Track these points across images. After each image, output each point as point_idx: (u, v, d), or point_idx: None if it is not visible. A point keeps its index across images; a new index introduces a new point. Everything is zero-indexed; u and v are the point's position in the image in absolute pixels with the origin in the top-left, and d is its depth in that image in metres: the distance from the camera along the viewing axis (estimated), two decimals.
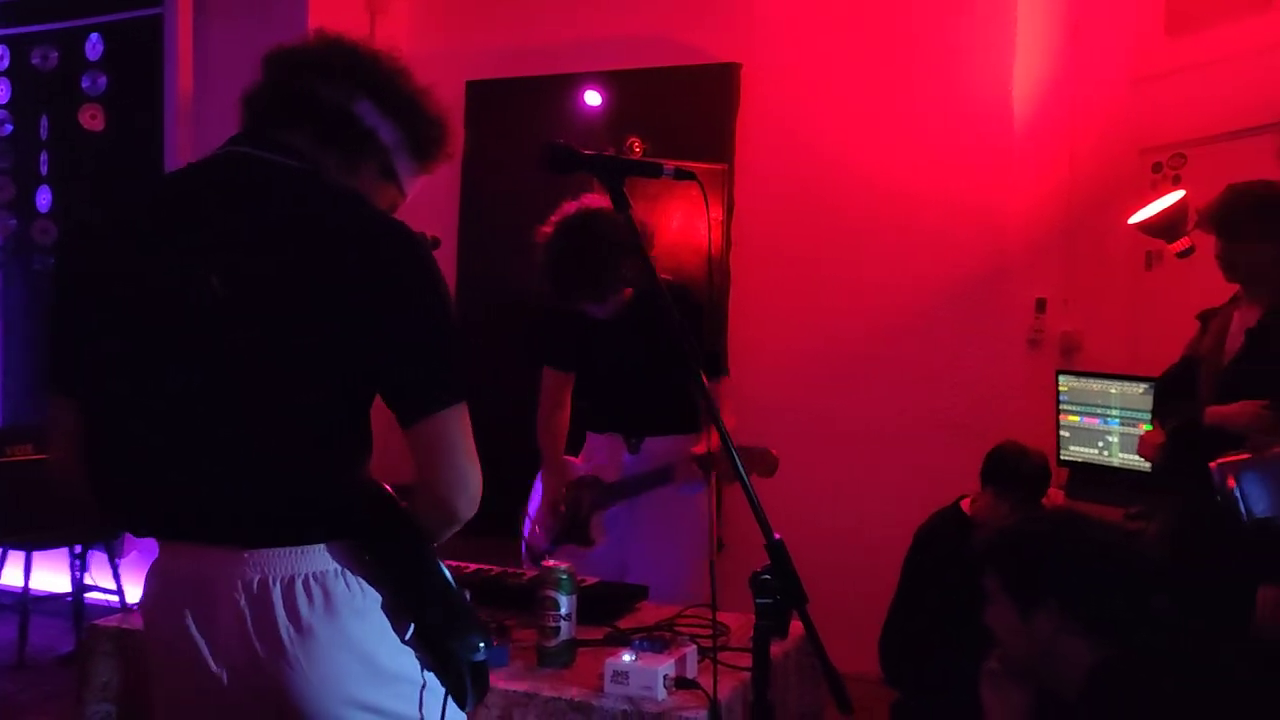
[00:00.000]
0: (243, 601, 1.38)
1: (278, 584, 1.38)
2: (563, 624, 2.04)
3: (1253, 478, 1.37)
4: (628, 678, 1.87)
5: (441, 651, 1.46)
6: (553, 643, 2.04)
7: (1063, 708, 1.82)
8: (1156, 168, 3.89)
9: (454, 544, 1.62)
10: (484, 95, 4.83)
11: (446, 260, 4.79)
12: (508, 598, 2.37)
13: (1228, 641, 2.25)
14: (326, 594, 1.39)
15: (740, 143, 4.44)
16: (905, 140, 4.29)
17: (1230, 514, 1.35)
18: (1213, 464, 1.39)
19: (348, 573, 1.41)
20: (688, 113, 4.44)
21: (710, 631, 2.17)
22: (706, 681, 1.88)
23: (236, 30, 4.70)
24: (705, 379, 2.84)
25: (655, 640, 1.98)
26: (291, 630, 1.37)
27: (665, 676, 1.87)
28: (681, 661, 1.93)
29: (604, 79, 4.54)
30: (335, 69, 1.53)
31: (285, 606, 1.37)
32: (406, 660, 1.46)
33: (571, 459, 3.05)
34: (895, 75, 4.30)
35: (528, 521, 2.99)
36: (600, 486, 2.91)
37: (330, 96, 1.51)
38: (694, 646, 2.01)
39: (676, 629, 2.21)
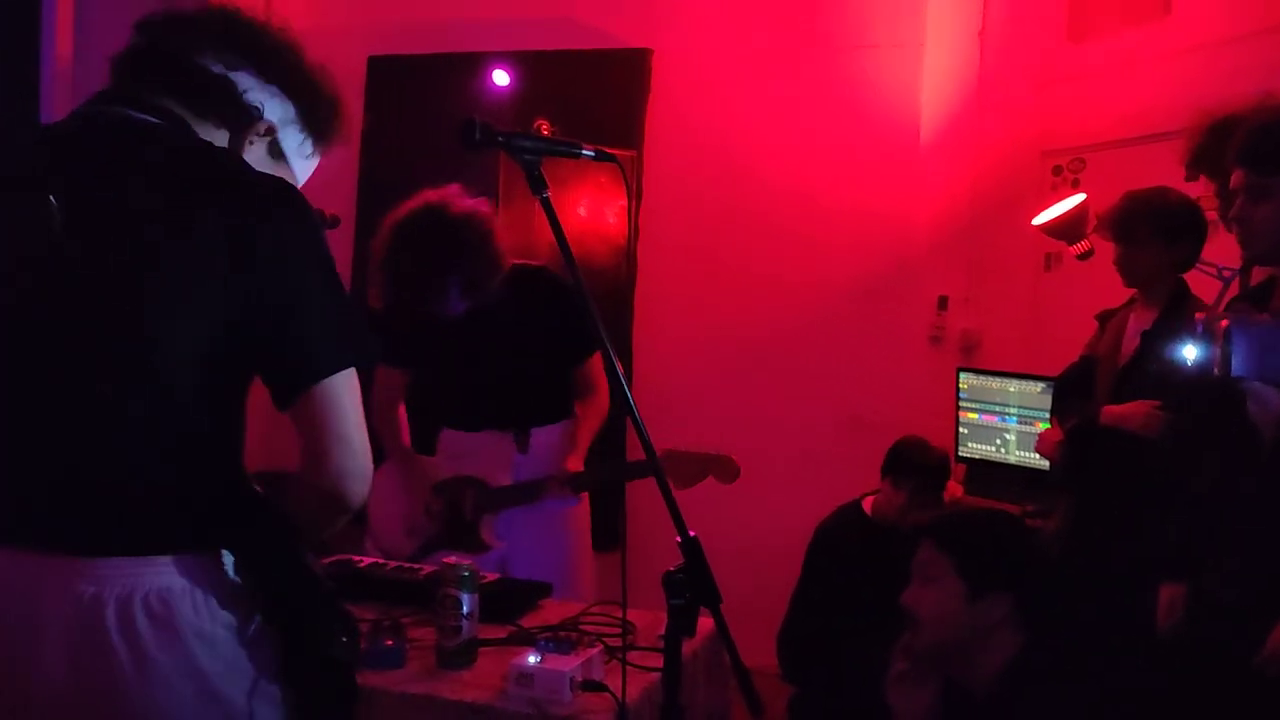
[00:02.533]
0: (72, 619, 1.19)
1: (113, 601, 1.20)
2: (464, 623, 1.96)
3: (1240, 335, 1.36)
4: (533, 680, 1.80)
5: (301, 650, 1.32)
6: (453, 643, 1.96)
7: (969, 703, 1.82)
8: (1057, 171, 3.96)
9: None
10: (386, 72, 4.67)
11: (344, 241, 4.62)
12: (403, 594, 2.27)
13: (1131, 640, 2.29)
14: (170, 615, 1.22)
15: (650, 130, 4.39)
16: (814, 136, 4.30)
17: (1206, 368, 1.35)
18: (1200, 315, 1.39)
19: (197, 591, 1.24)
20: (597, 97, 4.36)
21: (615, 630, 2.12)
22: (613, 683, 1.83)
23: None
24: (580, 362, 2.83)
25: (561, 640, 1.91)
26: (127, 656, 1.20)
27: (572, 679, 1.80)
28: (588, 663, 1.86)
29: (512, 59, 4.43)
30: (212, 35, 1.40)
31: (120, 628, 1.20)
32: (261, 706, 1.29)
33: (427, 458, 2.86)
34: (805, 71, 4.30)
35: (376, 521, 2.79)
36: (486, 490, 2.75)
37: (206, 64, 1.38)
38: (601, 647, 1.95)
39: (582, 628, 2.15)
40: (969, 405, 3.94)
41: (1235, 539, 2.03)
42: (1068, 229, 3.40)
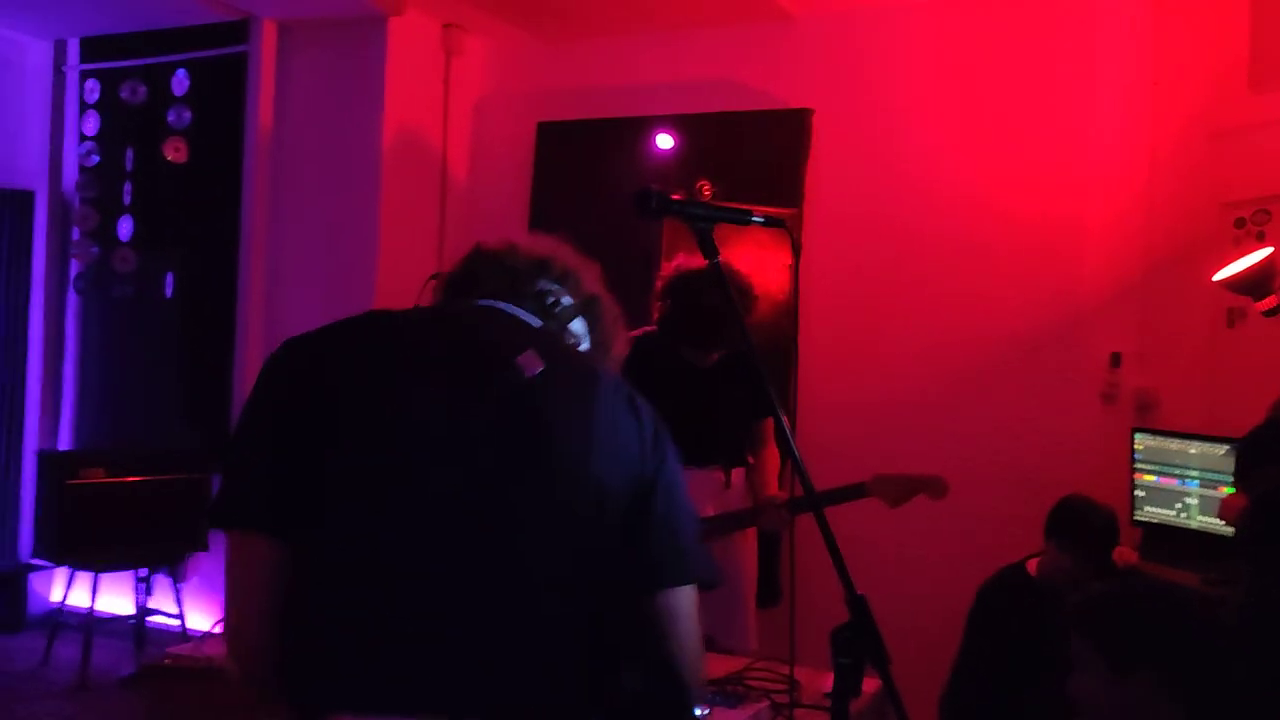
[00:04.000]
0: None
1: None
2: None
3: None
4: None
5: None
6: None
7: None
8: (1239, 223, 3.80)
9: None
10: (555, 137, 4.87)
11: None
12: None
13: None
14: None
15: (810, 188, 4.43)
16: (978, 188, 4.25)
17: None
18: None
19: None
20: (758, 157, 4.44)
21: (780, 686, 2.14)
22: None
23: (317, 69, 4.81)
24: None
25: (728, 694, 1.94)
26: None
27: None
28: (756, 718, 1.89)
29: (675, 122, 4.56)
30: (550, 265, 1.56)
31: None
32: None
33: None
34: (967, 123, 4.27)
35: None
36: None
37: (543, 283, 1.53)
38: (767, 703, 1.97)
39: (748, 682, 2.17)
40: (1145, 467, 3.79)
41: None
42: (1253, 284, 3.27)
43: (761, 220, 1.74)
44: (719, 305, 2.91)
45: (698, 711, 1.86)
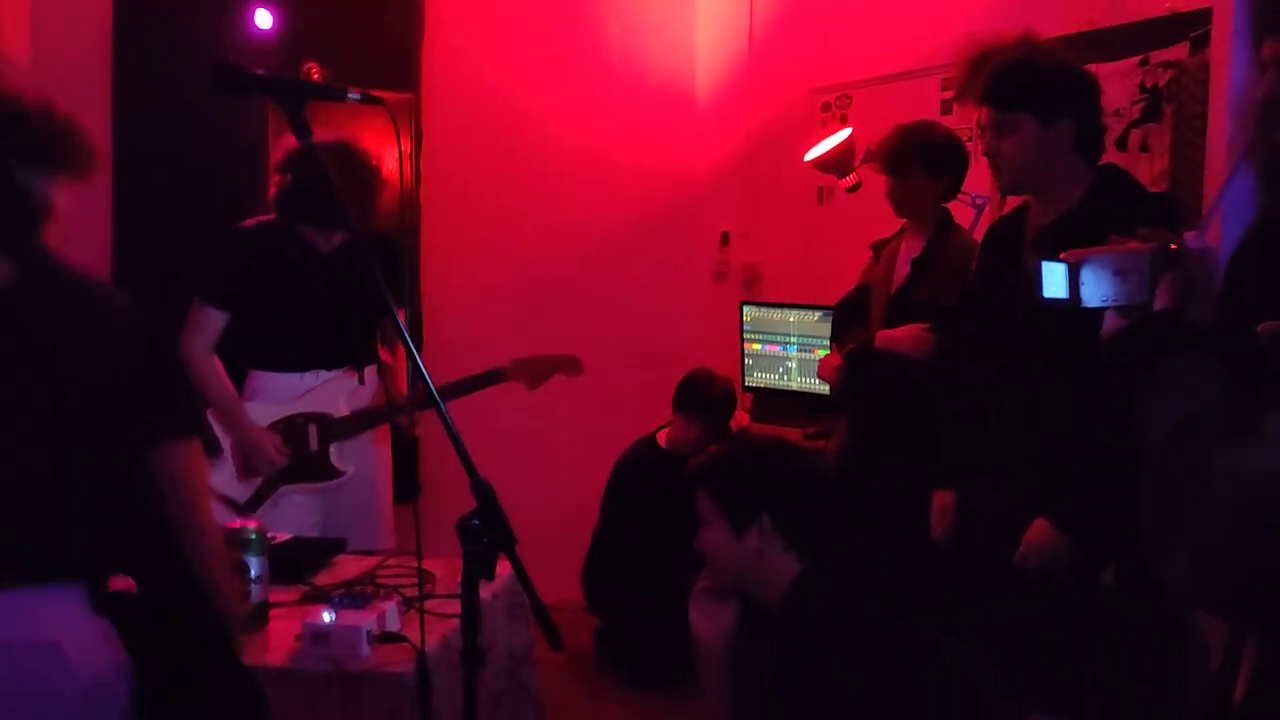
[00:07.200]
0: None
1: None
2: (254, 587, 1.90)
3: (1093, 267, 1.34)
4: (328, 638, 1.76)
5: None
6: (244, 608, 1.90)
7: (766, 621, 1.91)
8: (825, 107, 4.11)
9: None
10: (134, 14, 4.33)
11: (101, 194, 4.30)
12: None
13: (907, 547, 2.44)
14: None
15: (427, 73, 4.27)
16: (591, 80, 4.31)
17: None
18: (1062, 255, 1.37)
19: None
20: (370, 38, 4.19)
21: (413, 581, 2.11)
22: (413, 633, 1.82)
23: None
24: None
25: (356, 595, 1.88)
26: None
27: (368, 633, 1.78)
28: (383, 616, 1.84)
29: None
30: None
31: None
32: None
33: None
34: (578, 14, 4.29)
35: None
36: (331, 421, 2.85)
37: None
38: (397, 599, 1.93)
39: (378, 581, 2.12)
40: (753, 336, 4.08)
41: (997, 449, 2.21)
42: (836, 163, 3.54)
43: (358, 98, 1.62)
44: (339, 177, 2.70)
45: (325, 617, 1.79)
